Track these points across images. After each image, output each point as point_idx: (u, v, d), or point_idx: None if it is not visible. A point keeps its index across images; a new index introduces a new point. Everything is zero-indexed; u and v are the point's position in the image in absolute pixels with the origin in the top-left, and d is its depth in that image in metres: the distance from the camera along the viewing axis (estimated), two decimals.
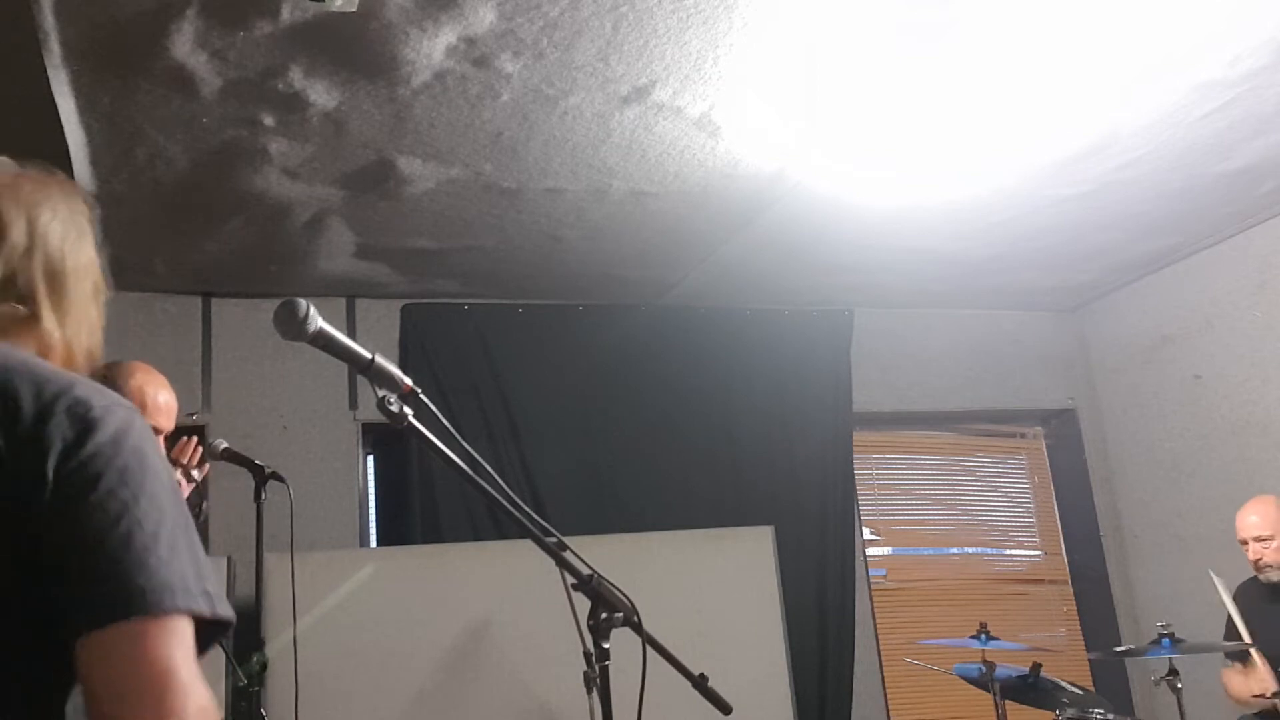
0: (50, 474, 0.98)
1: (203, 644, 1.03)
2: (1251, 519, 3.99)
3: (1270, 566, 3.94)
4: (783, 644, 4.41)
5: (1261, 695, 3.84)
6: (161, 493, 1.04)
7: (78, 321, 1.19)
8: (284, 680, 3.46)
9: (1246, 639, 3.89)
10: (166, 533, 1.01)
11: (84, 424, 1.01)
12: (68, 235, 1.20)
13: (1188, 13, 3.12)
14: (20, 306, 1.13)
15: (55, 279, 1.17)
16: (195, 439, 2.82)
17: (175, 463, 2.73)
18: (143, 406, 2.60)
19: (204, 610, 1.01)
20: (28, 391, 1.02)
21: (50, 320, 1.15)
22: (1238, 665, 4.08)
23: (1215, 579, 4.10)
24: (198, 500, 2.89)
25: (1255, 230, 4.87)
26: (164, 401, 2.61)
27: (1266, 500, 4.03)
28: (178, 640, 0.98)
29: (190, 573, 1.02)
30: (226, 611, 1.05)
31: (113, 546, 0.98)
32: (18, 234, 1.15)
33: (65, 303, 1.18)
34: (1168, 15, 3.12)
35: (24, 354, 1.10)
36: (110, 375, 2.64)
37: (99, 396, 1.05)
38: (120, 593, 0.97)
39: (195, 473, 2.80)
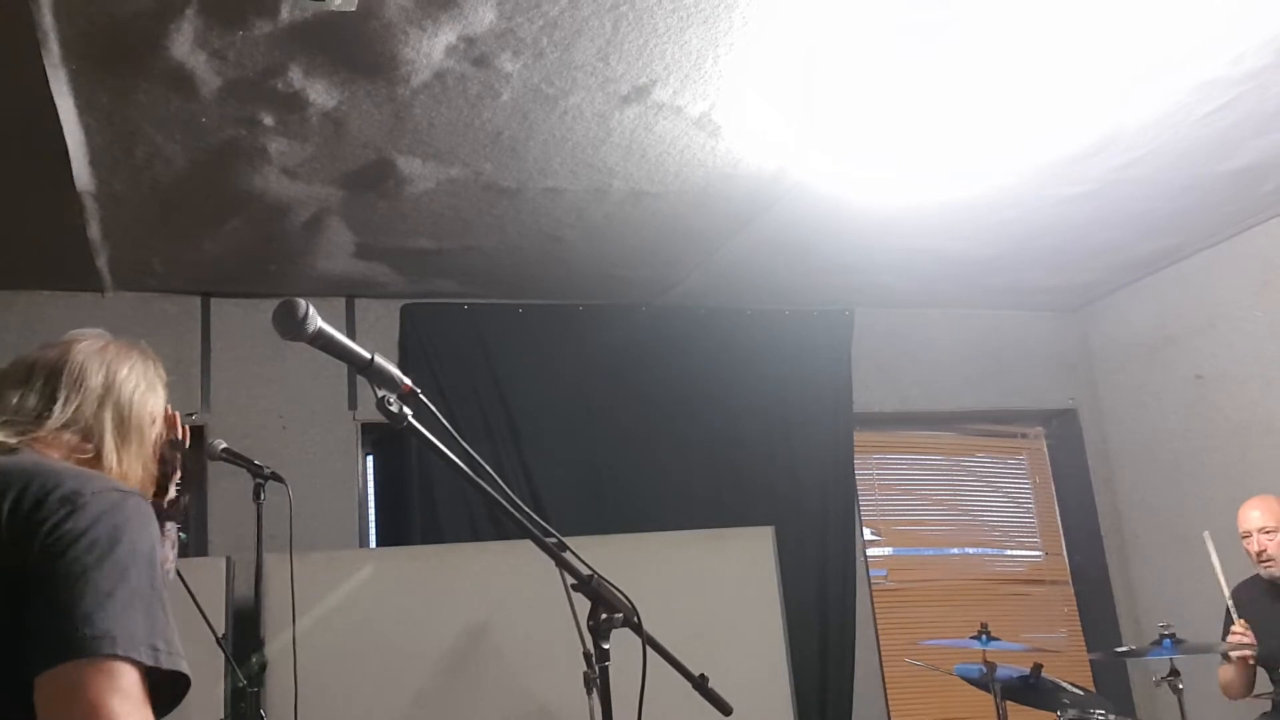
0: (36, 548, 1.18)
1: (166, 700, 1.20)
2: (1254, 513, 4.00)
3: (1274, 560, 3.94)
4: (783, 645, 4.41)
5: (1243, 655, 3.86)
6: (128, 561, 1.20)
7: (133, 459, 1.48)
8: (283, 680, 3.45)
9: (1237, 625, 3.89)
10: (123, 594, 1.17)
11: (70, 507, 1.21)
12: (138, 387, 1.52)
13: (1189, 12, 3.11)
14: (88, 444, 1.43)
15: (122, 424, 1.47)
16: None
17: None
18: None
19: (143, 659, 1.16)
20: (35, 486, 1.24)
21: (111, 458, 1.44)
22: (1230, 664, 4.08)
23: (1208, 540, 4.06)
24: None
25: (1258, 229, 4.86)
26: None
27: (1267, 498, 4.05)
28: (109, 681, 1.12)
29: (140, 629, 1.17)
30: (173, 665, 1.19)
31: (66, 602, 1.15)
32: (95, 384, 1.47)
33: (127, 444, 1.47)
34: (1169, 14, 3.11)
35: (49, 459, 1.36)
36: None
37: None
38: (65, 640, 1.13)
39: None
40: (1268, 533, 3.94)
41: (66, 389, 1.44)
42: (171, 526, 2.64)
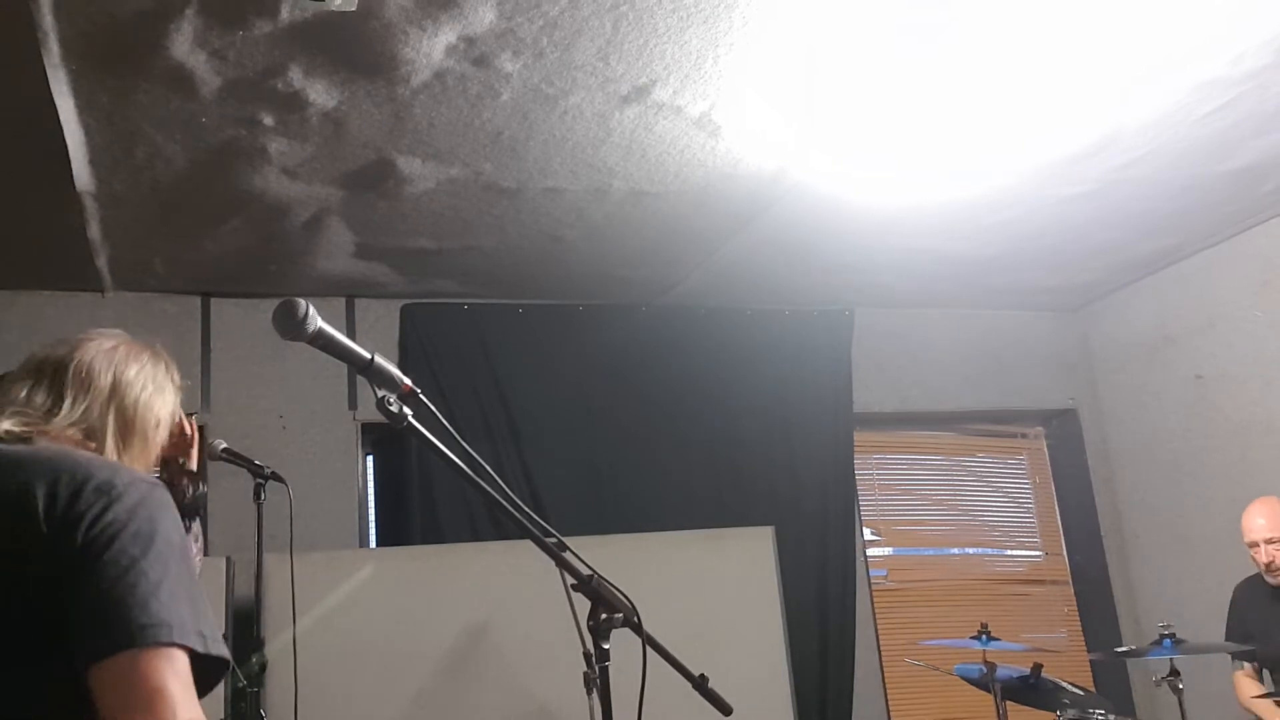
0: (79, 540, 1.21)
1: (205, 683, 1.24)
2: (1259, 521, 3.93)
3: None
4: (783, 644, 4.41)
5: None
6: (167, 552, 1.25)
7: (135, 461, 1.49)
8: (283, 681, 3.45)
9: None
10: (169, 584, 1.22)
11: (107, 499, 1.24)
12: (145, 389, 1.53)
13: (1189, 12, 3.11)
14: (91, 442, 1.44)
15: (125, 426, 1.49)
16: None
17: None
18: None
19: (195, 646, 1.21)
20: (67, 477, 1.26)
21: (112, 459, 1.44)
22: (1249, 668, 4.06)
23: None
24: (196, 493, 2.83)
25: (1257, 229, 4.86)
26: None
27: (1270, 501, 3.99)
28: (169, 666, 1.18)
29: (187, 616, 1.22)
30: (220, 651, 1.25)
31: (121, 592, 1.19)
32: (102, 385, 1.48)
33: (129, 446, 1.49)
34: (1169, 14, 3.11)
35: (70, 449, 1.38)
36: None
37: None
38: (124, 628, 1.17)
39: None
40: (1273, 543, 3.88)
41: (74, 388, 1.46)
42: (196, 525, 2.65)
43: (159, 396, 1.55)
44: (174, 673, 1.18)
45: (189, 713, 1.17)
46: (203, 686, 1.23)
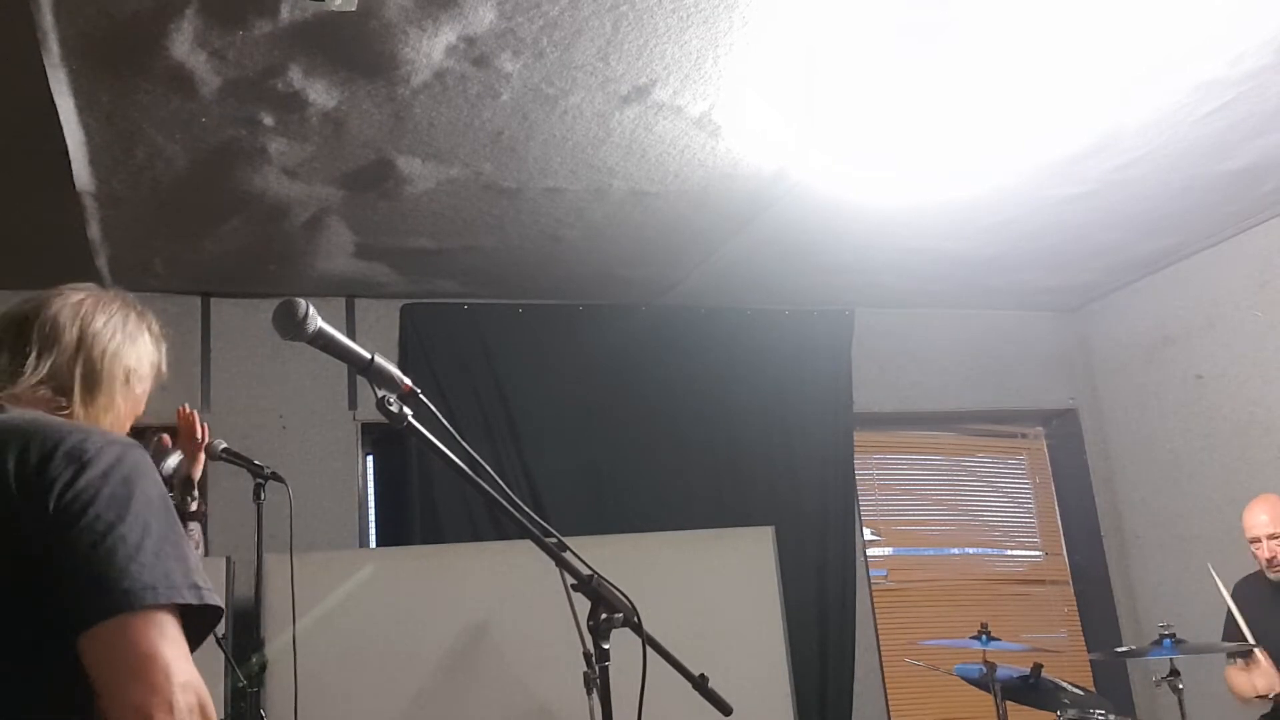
0: (51, 508, 1.18)
1: (199, 633, 1.24)
2: (1261, 517, 3.95)
3: None
4: (783, 644, 4.41)
5: (1264, 696, 3.83)
6: (145, 511, 1.22)
7: (101, 412, 1.44)
8: (283, 681, 3.46)
9: (1248, 636, 3.88)
10: (150, 543, 1.20)
11: (78, 465, 1.21)
12: (114, 339, 1.48)
13: (1189, 12, 3.11)
14: (61, 398, 1.40)
15: (89, 376, 1.43)
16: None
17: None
18: None
19: (189, 600, 1.20)
20: (36, 444, 1.23)
21: (79, 412, 1.41)
22: (1240, 663, 4.07)
23: (1214, 573, 4.08)
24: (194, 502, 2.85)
25: (1257, 230, 4.86)
26: None
27: (1272, 498, 4.00)
28: (156, 629, 1.16)
29: (176, 572, 1.20)
30: (212, 600, 1.23)
31: (100, 559, 1.16)
32: (69, 338, 1.43)
33: (94, 397, 1.44)
34: (1169, 14, 3.12)
35: (42, 415, 1.34)
36: None
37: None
38: (108, 595, 1.15)
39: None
40: (1276, 538, 3.89)
41: (39, 344, 1.41)
42: (195, 527, 2.66)
43: (129, 346, 1.50)
44: (162, 635, 1.15)
45: (183, 675, 1.14)
46: (196, 638, 1.22)
